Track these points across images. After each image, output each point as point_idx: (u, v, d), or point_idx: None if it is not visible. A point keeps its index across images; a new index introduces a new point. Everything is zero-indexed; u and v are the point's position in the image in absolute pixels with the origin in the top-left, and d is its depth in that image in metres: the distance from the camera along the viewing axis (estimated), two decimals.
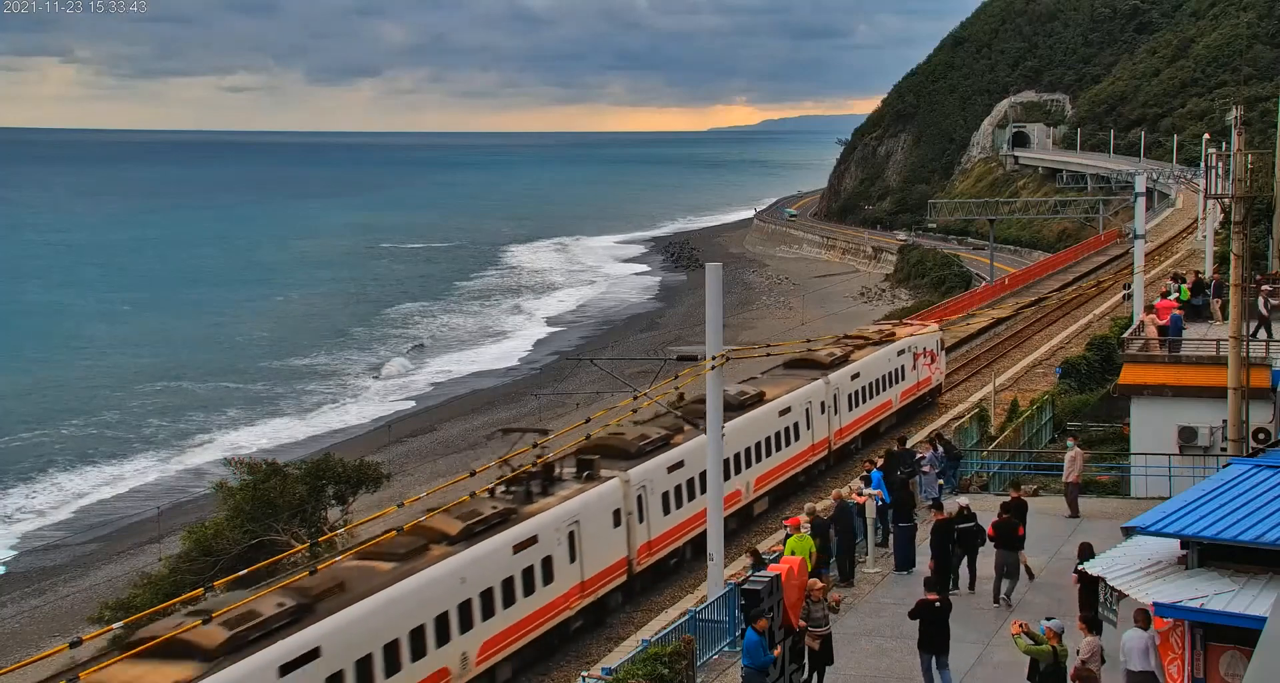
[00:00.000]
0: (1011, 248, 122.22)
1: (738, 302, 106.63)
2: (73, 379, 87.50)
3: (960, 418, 42.80)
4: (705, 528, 25.42)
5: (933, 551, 23.18)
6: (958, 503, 24.32)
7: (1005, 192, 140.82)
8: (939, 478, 28.96)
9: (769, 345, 34.69)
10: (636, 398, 29.17)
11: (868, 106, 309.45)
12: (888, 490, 26.29)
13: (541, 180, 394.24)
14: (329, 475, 34.50)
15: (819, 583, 20.02)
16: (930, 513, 24.75)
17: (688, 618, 20.48)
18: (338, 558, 23.20)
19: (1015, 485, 26.30)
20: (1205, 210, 64.66)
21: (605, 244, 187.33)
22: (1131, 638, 16.57)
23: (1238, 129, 37.62)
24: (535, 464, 27.48)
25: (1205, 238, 59.88)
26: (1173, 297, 40.34)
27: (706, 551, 22.98)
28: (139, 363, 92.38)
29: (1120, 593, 16.12)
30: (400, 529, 23.72)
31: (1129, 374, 34.65)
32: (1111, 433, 39.06)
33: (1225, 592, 15.04)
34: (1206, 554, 15.91)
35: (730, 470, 32.73)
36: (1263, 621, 11.80)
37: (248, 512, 32.27)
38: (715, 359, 21.78)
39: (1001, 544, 23.17)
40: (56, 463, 65.54)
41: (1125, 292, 61.17)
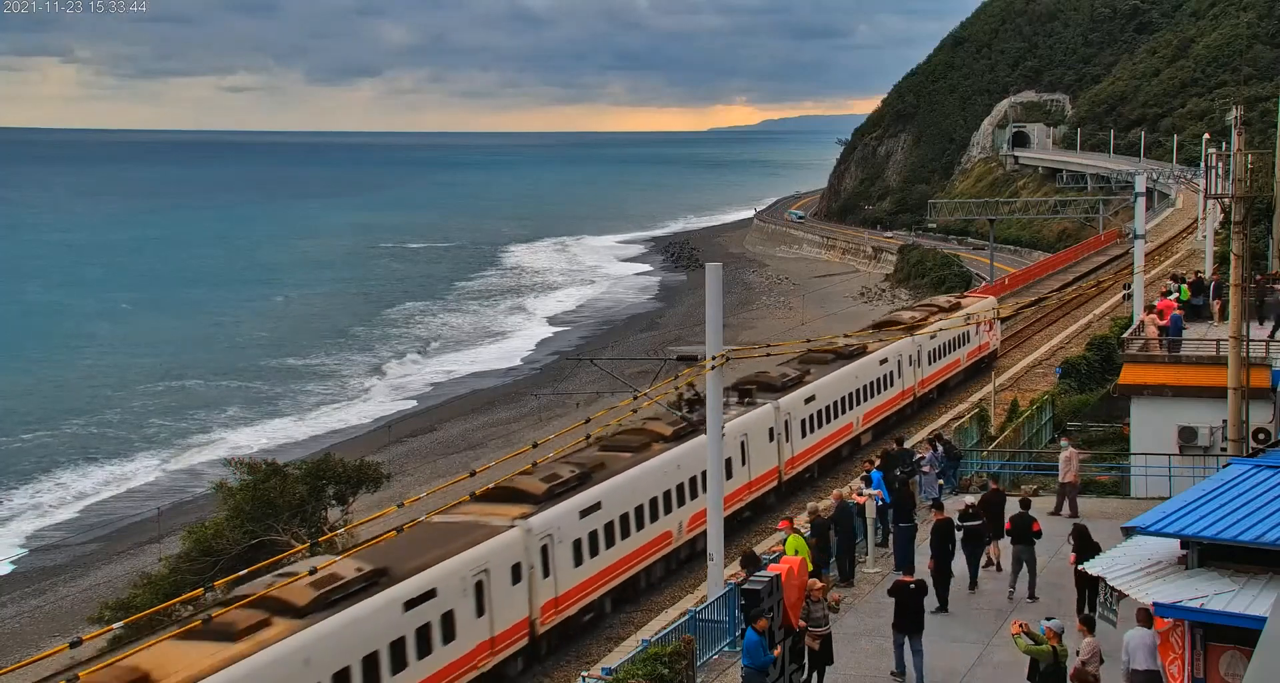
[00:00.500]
0: (1011, 248, 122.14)
1: (738, 302, 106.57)
2: (74, 379, 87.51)
3: (960, 418, 42.85)
4: (837, 446, 41.26)
5: (933, 550, 23.20)
6: (964, 501, 24.41)
7: (1005, 191, 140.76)
8: (939, 478, 29.03)
9: (769, 345, 34.67)
10: (636, 398, 29.35)
11: (868, 106, 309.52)
12: (887, 490, 26.33)
13: (542, 180, 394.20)
14: (329, 475, 34.47)
15: (819, 583, 20.02)
16: (930, 513, 24.77)
17: (688, 618, 20.49)
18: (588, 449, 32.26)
19: (994, 477, 26.64)
20: (1205, 210, 64.65)
21: (605, 244, 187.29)
22: (1137, 637, 16.51)
23: (1238, 129, 37.56)
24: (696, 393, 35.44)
25: (1205, 238, 59.88)
26: (1173, 297, 40.37)
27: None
28: (140, 363, 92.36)
29: (1120, 593, 16.12)
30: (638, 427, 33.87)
31: (1129, 374, 34.68)
32: (1111, 433, 39.08)
33: (1225, 592, 15.04)
34: (1206, 554, 15.90)
35: (844, 409, 42.47)
36: (1263, 621, 11.81)
37: (248, 512, 32.23)
38: (715, 359, 21.79)
39: (1017, 539, 23.67)
40: (60, 463, 65.51)
41: (1125, 292, 61.20)
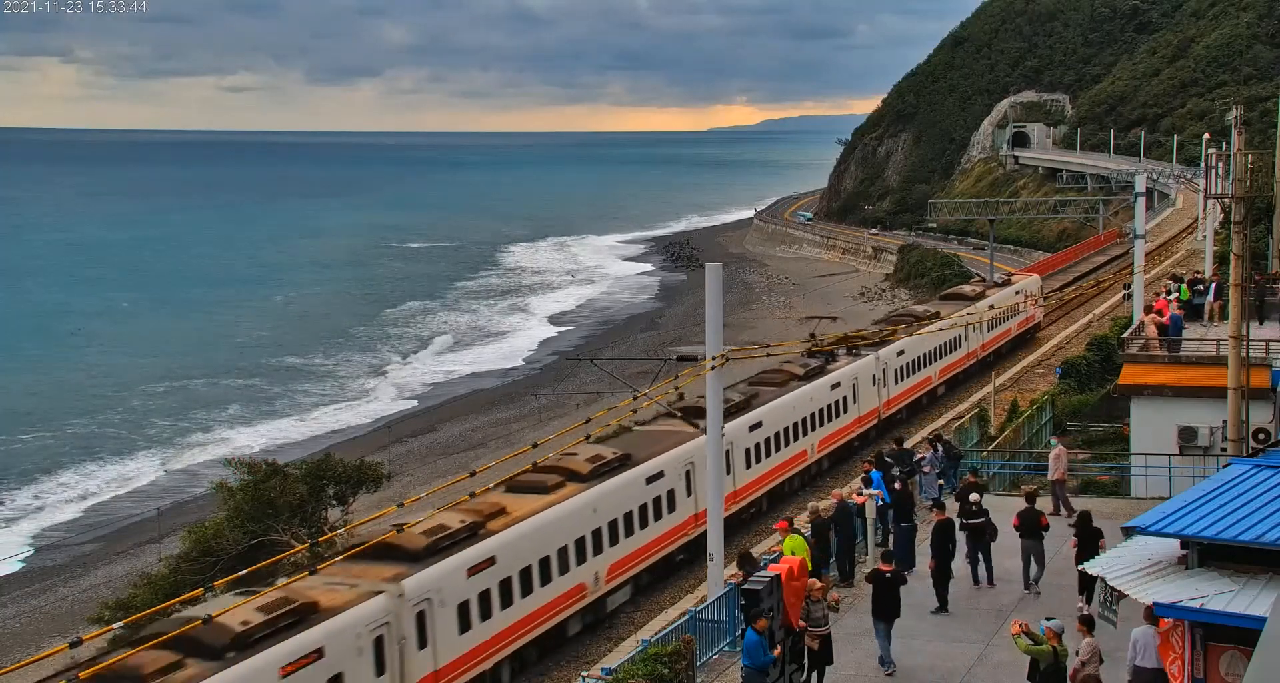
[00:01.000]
0: (1011, 248, 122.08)
1: (738, 302, 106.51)
2: (75, 378, 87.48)
3: (960, 418, 42.86)
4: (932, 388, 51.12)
5: (933, 550, 23.20)
6: (969, 498, 24.44)
7: (1005, 191, 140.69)
8: (939, 478, 29.04)
9: (769, 345, 34.69)
10: (636, 398, 29.31)
11: (868, 106, 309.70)
12: (887, 490, 26.33)
13: (542, 180, 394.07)
14: (329, 475, 34.42)
15: (819, 583, 20.02)
16: (931, 513, 24.77)
17: (688, 618, 20.48)
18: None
19: (974, 470, 26.91)
20: (1205, 210, 64.65)
21: (605, 244, 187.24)
22: (1148, 634, 16.44)
23: (1238, 129, 37.57)
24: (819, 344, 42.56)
25: (1205, 238, 59.89)
26: (1172, 297, 40.38)
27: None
28: (140, 362, 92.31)
29: (1120, 593, 16.11)
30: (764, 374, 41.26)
31: (1129, 374, 34.66)
32: (1111, 433, 39.07)
33: (1225, 592, 15.03)
34: (1206, 554, 15.89)
35: (927, 363, 49.88)
36: (1263, 621, 11.82)
37: (248, 512, 32.18)
38: (715, 359, 21.79)
39: (1024, 533, 23.86)
40: (62, 464, 65.48)
41: (1125, 292, 61.23)
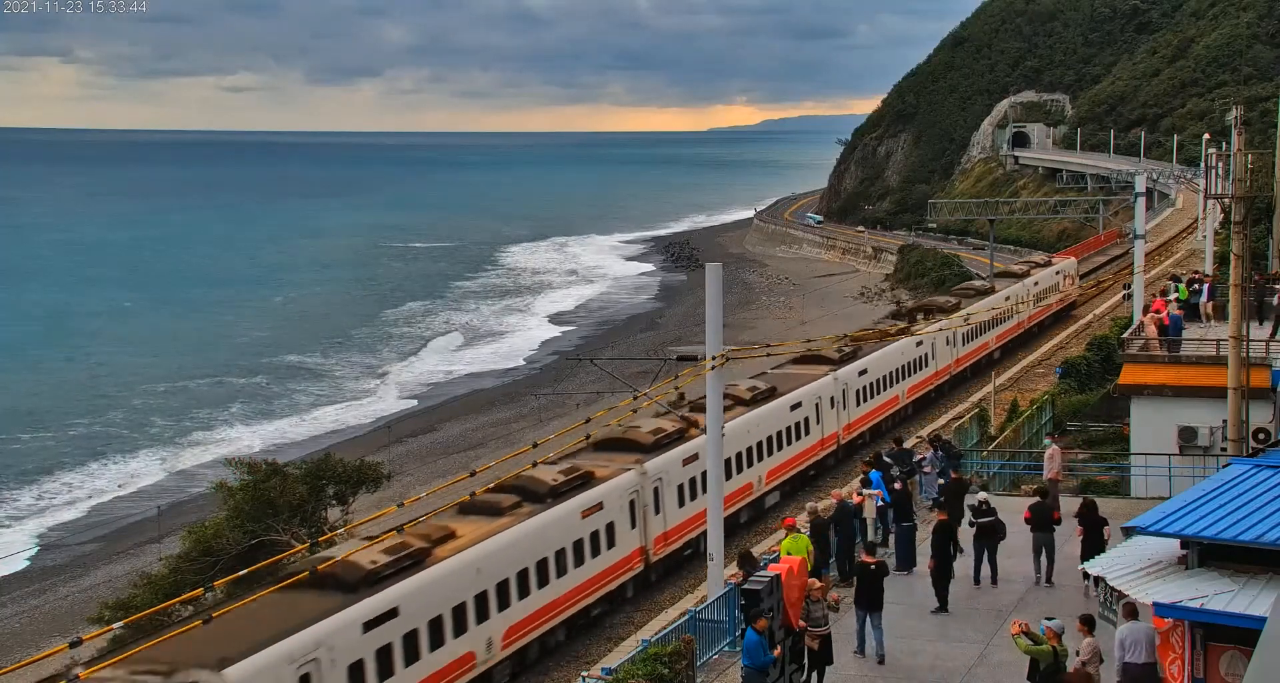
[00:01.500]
0: (1011, 248, 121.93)
1: (738, 302, 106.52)
2: (76, 378, 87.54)
3: (960, 418, 42.85)
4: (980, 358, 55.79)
5: (933, 550, 23.18)
6: (977, 498, 24.45)
7: (1005, 191, 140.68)
8: (939, 478, 28.98)
9: (769, 345, 34.69)
10: (636, 398, 29.29)
11: (868, 106, 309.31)
12: (887, 490, 26.33)
13: (542, 180, 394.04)
14: (329, 475, 34.45)
15: (819, 583, 20.02)
16: (931, 513, 24.77)
17: (688, 618, 20.48)
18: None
19: (955, 466, 27.13)
20: (1205, 210, 64.65)
21: (605, 244, 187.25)
22: (1136, 630, 16.43)
23: (1238, 129, 37.51)
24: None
25: (1205, 238, 59.88)
26: (1172, 297, 40.35)
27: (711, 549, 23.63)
28: (141, 362, 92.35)
29: (1120, 593, 16.12)
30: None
31: (1129, 374, 34.65)
32: (1111, 433, 39.06)
33: (1225, 592, 15.04)
34: (1206, 554, 15.90)
35: (981, 333, 55.26)
36: (1263, 621, 11.82)
37: (248, 512, 32.19)
38: (715, 359, 21.79)
39: (1035, 527, 23.99)
40: (64, 464, 65.52)
41: (1125, 292, 61.22)
